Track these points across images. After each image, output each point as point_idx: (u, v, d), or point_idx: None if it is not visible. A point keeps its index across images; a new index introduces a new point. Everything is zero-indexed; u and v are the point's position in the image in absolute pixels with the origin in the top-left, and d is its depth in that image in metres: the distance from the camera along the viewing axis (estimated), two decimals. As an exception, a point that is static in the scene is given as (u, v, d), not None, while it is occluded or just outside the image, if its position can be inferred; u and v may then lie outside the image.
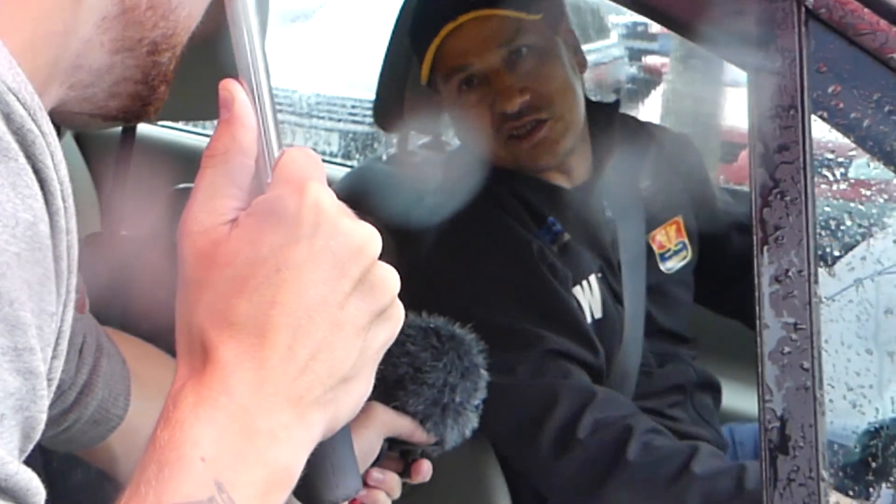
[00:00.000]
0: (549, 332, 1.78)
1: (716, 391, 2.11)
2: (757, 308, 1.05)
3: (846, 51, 1.04)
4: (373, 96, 2.35)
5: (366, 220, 0.69)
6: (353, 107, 6.44)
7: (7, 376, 0.54)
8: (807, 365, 1.04)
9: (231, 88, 0.69)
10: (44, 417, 0.57)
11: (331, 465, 0.76)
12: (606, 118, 2.00)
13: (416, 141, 2.59)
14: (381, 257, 0.70)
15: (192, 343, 0.67)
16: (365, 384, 0.71)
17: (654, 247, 2.04)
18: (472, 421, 1.29)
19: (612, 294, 1.93)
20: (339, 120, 6.57)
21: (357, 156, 6.42)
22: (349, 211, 0.69)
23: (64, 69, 0.70)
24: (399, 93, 2.26)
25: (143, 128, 1.95)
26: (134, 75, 0.74)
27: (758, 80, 1.06)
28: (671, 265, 2.06)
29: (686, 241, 2.08)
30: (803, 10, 1.05)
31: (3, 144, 0.53)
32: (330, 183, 0.69)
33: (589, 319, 1.87)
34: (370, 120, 2.75)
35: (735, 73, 1.89)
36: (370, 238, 0.69)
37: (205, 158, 0.69)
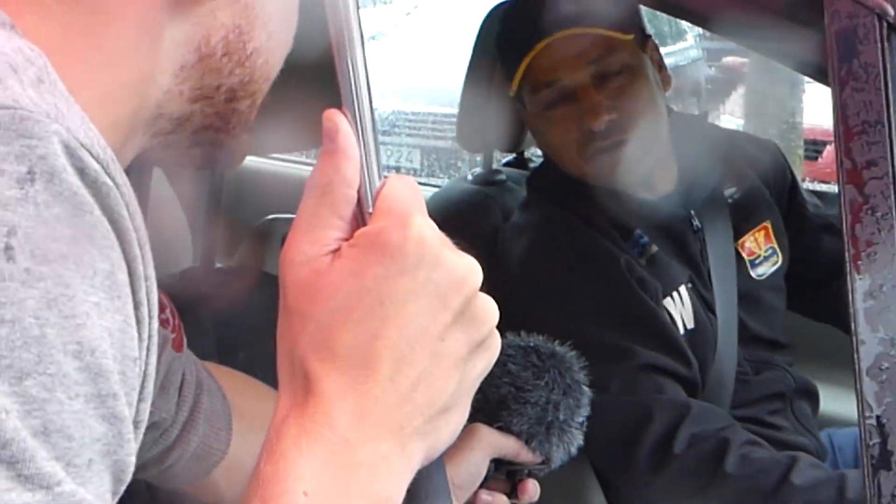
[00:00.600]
0: (640, 346, 1.77)
1: (814, 397, 2.09)
2: (852, 324, 1.05)
3: (931, 63, 1.03)
4: (453, 111, 2.34)
5: (457, 242, 0.70)
6: (434, 122, 6.45)
7: (93, 423, 0.55)
8: None
9: (335, 119, 0.69)
10: (132, 460, 0.58)
11: (425, 492, 0.75)
12: (690, 129, 1.99)
13: (501, 158, 2.60)
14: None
15: (294, 373, 0.67)
16: (462, 413, 0.71)
17: (744, 254, 2.02)
18: (578, 438, 1.29)
19: (704, 304, 1.92)
20: (421, 136, 6.57)
21: (439, 173, 6.41)
22: (449, 242, 0.69)
23: (145, 119, 0.71)
24: (481, 110, 2.27)
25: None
26: (214, 123, 0.75)
27: (842, 95, 1.05)
28: (762, 271, 2.04)
29: (776, 246, 2.06)
30: (885, 24, 1.04)
31: (79, 199, 0.55)
32: None
33: (681, 331, 1.86)
34: (452, 135, 2.76)
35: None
36: (471, 270, 0.69)
37: (307, 189, 0.69)
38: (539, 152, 2.23)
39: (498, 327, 0.72)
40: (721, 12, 1.14)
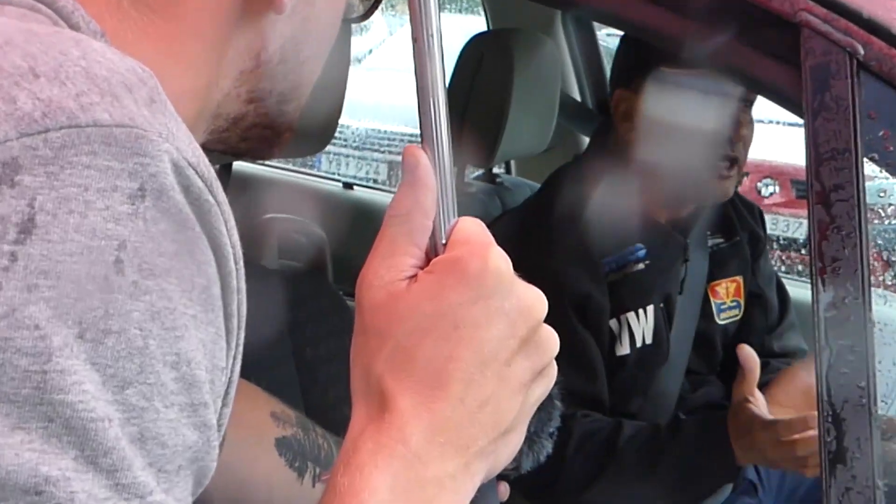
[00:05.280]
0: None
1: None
2: (815, 332, 1.06)
3: (895, 99, 1.06)
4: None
5: (520, 274, 0.69)
6: (401, 139, 6.48)
7: (186, 431, 0.55)
8: (862, 384, 1.05)
9: (416, 154, 0.68)
10: (214, 465, 0.58)
11: None
12: None
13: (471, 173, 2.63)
14: None
15: (370, 390, 0.66)
16: (520, 436, 0.71)
17: (713, 297, 2.06)
18: (547, 447, 1.30)
19: (668, 325, 1.95)
20: (389, 151, 6.61)
21: None
22: (516, 275, 0.68)
23: (206, 119, 0.71)
24: (459, 120, 2.29)
25: (237, 163, 1.98)
26: (264, 121, 0.75)
27: (814, 124, 1.08)
28: (724, 318, 2.08)
29: (741, 301, 2.10)
30: (855, 62, 1.07)
31: (183, 216, 0.54)
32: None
33: (639, 343, 1.89)
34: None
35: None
36: (538, 301, 0.68)
37: (388, 217, 0.68)
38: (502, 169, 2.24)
39: None
40: (701, 44, 1.15)
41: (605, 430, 1.79)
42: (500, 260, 0.67)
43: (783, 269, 5.60)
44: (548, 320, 0.69)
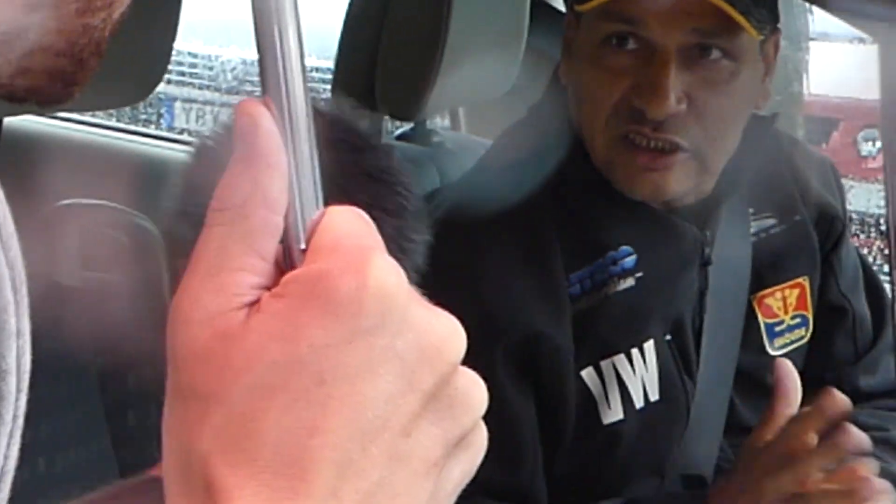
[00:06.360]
0: None
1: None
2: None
3: None
4: (328, 64, 2.39)
5: (425, 293, 0.68)
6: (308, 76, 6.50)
7: None
8: None
9: (254, 113, 0.66)
10: None
11: None
12: (750, 133, 1.94)
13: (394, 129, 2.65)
14: None
15: (190, 481, 0.64)
16: None
17: (761, 314, 2.04)
18: None
19: (685, 365, 1.93)
20: None
21: None
22: (418, 295, 0.66)
23: None
24: (368, 59, 2.29)
25: (10, 119, 1.97)
26: (55, 44, 0.72)
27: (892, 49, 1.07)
28: (782, 344, 2.05)
29: (808, 314, 2.07)
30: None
31: None
32: None
33: (639, 403, 1.88)
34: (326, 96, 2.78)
35: (822, 24, 1.90)
36: (451, 334, 0.67)
37: (211, 213, 0.66)
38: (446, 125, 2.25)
39: None
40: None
41: None
42: (388, 275, 0.64)
43: (878, 262, 5.61)
44: (468, 364, 0.67)
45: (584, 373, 1.86)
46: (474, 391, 0.68)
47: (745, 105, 1.86)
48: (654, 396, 1.90)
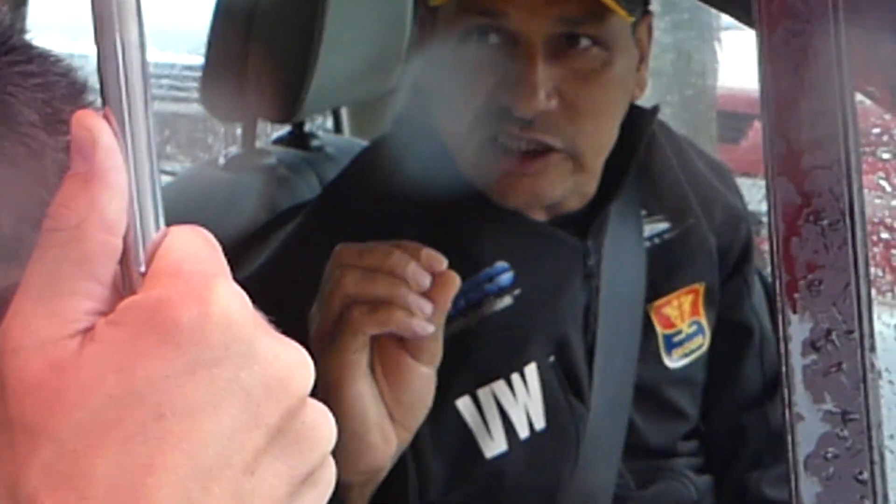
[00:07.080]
0: None
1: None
2: (785, 390, 1.08)
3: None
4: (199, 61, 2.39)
5: (272, 320, 0.67)
6: (174, 77, 6.63)
7: None
8: (864, 476, 1.05)
9: (92, 126, 0.65)
10: None
11: None
12: (631, 128, 1.95)
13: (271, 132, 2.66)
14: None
15: None
16: None
17: (658, 325, 2.03)
18: None
19: (572, 387, 1.91)
20: (156, 98, 6.70)
21: (178, 155, 6.53)
22: (264, 322, 0.66)
23: None
24: (238, 58, 2.28)
25: None
26: None
27: (771, 40, 1.07)
28: (680, 355, 2.05)
29: (703, 321, 2.07)
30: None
31: None
32: None
33: (523, 433, 1.87)
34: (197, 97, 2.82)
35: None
36: (298, 366, 0.67)
37: (44, 233, 0.65)
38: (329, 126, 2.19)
39: None
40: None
41: None
42: (233, 302, 0.64)
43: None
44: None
45: (459, 402, 1.85)
46: (323, 425, 0.68)
47: (620, 96, 1.86)
48: (539, 424, 1.88)
